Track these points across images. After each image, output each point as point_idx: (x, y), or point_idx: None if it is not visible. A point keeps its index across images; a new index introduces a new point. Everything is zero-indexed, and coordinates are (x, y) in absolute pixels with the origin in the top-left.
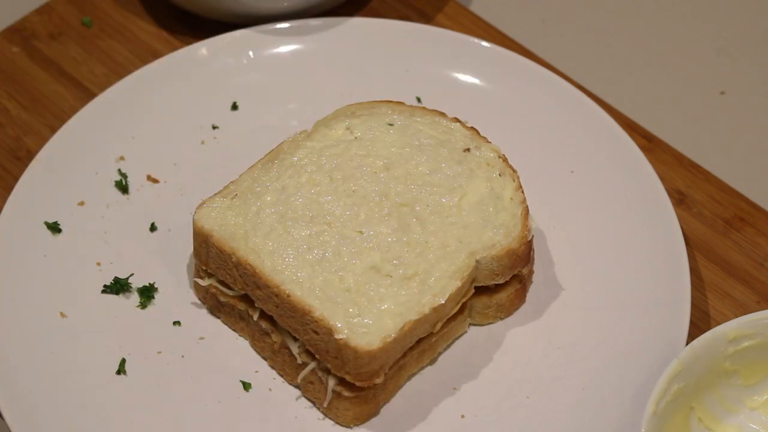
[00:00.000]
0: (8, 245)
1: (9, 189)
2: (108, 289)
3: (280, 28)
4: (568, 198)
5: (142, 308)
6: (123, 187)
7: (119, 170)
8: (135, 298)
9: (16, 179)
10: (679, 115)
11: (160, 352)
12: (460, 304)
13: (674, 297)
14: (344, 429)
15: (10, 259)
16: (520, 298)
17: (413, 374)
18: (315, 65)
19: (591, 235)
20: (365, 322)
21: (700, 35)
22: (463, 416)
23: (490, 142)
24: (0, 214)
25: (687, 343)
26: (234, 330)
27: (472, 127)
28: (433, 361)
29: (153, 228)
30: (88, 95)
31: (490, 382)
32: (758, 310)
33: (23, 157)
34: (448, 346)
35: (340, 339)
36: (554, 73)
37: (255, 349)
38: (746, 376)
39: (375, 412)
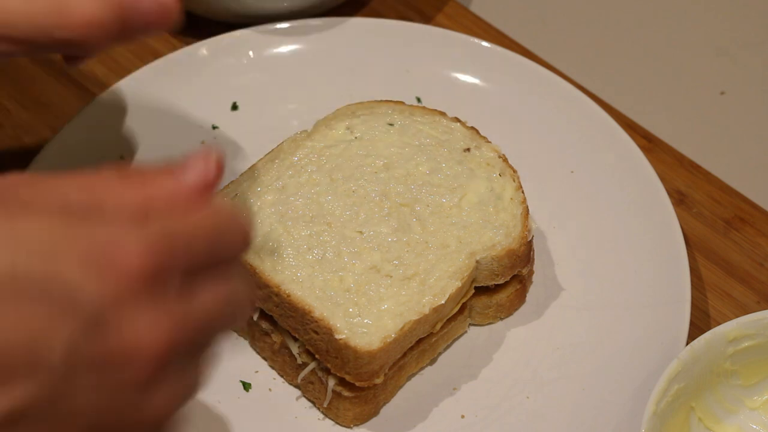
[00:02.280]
0: None
1: None
2: None
3: (280, 28)
4: (568, 198)
5: None
6: None
7: None
8: None
9: None
10: (679, 115)
11: None
12: (460, 305)
13: (674, 297)
14: (344, 429)
15: None
16: (520, 298)
17: (413, 374)
18: (315, 65)
19: (591, 235)
20: (365, 322)
21: (700, 35)
22: (463, 416)
23: (490, 142)
24: None
25: (687, 343)
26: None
27: (472, 127)
28: (433, 361)
29: None
30: (88, 95)
31: (490, 382)
32: (758, 310)
33: (23, 157)
34: (448, 346)
35: (340, 339)
36: (554, 73)
37: (255, 349)
38: (746, 376)
39: (375, 412)
